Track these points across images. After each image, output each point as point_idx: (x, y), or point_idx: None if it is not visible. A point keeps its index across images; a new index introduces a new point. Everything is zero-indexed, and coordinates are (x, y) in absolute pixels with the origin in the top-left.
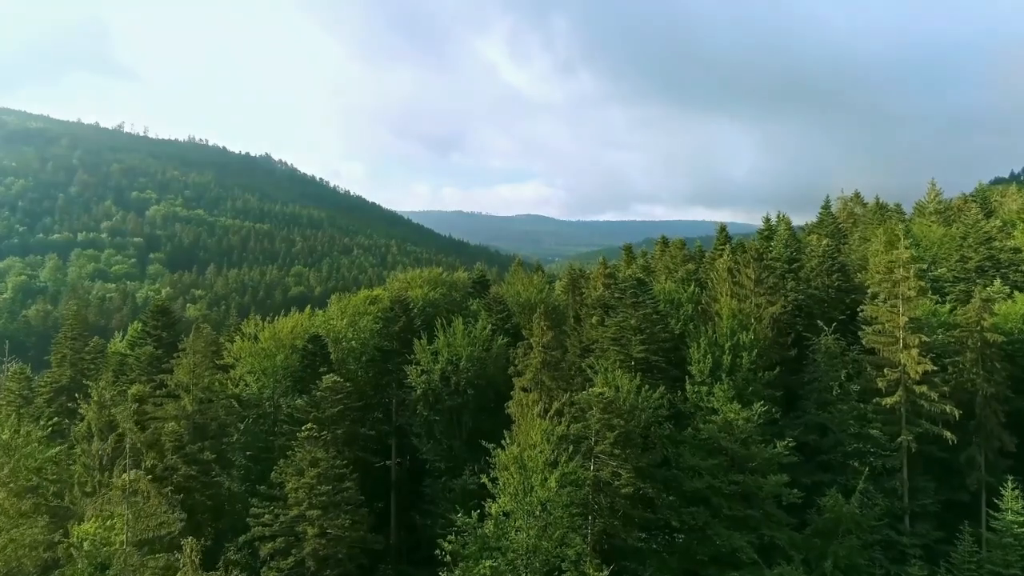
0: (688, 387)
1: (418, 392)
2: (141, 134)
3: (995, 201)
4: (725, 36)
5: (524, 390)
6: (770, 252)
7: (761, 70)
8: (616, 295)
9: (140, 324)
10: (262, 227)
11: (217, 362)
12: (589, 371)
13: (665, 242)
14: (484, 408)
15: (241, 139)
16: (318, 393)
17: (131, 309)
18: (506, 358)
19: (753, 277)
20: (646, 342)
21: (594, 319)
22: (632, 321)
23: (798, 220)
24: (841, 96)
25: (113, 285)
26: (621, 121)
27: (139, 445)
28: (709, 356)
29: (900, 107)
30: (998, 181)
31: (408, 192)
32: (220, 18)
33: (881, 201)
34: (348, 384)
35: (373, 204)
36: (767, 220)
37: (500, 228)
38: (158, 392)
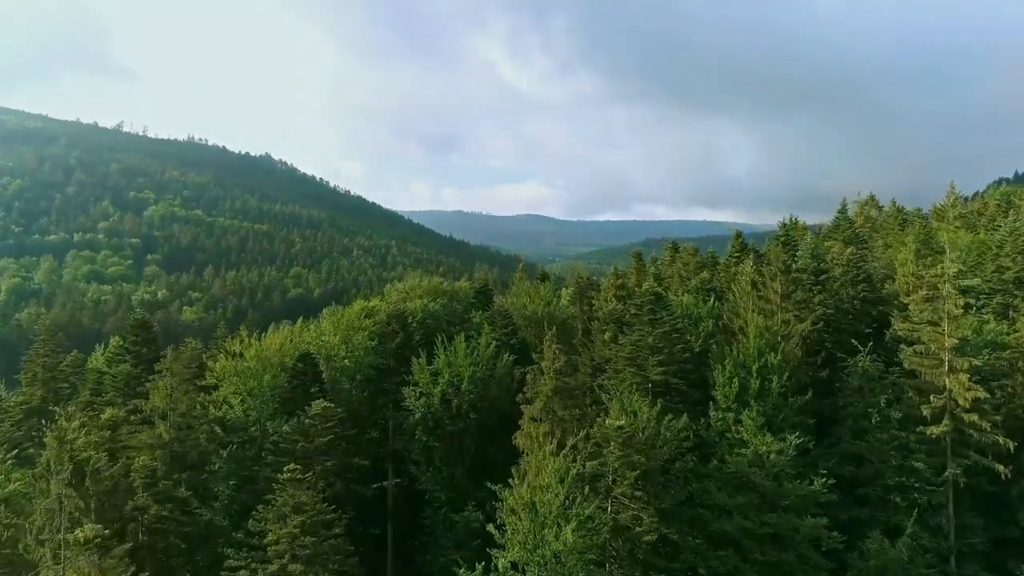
0: (712, 413)
1: (416, 416)
2: (140, 134)
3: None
4: (725, 36)
5: (534, 420)
6: (795, 262)
7: (761, 70)
8: (632, 311)
9: (120, 339)
10: (261, 227)
11: (199, 383)
12: (602, 395)
13: (675, 248)
14: (487, 431)
15: (241, 139)
16: (307, 420)
17: (126, 312)
18: (511, 377)
19: (780, 291)
20: (664, 363)
21: (607, 335)
22: (649, 339)
23: (801, 220)
24: (841, 96)
25: (109, 287)
26: (621, 121)
27: (76, 513)
28: (735, 379)
29: (900, 107)
30: (1001, 181)
31: (408, 192)
32: (220, 18)
33: (899, 204)
34: (340, 409)
35: (373, 204)
36: (784, 225)
37: (500, 228)
38: (132, 418)
